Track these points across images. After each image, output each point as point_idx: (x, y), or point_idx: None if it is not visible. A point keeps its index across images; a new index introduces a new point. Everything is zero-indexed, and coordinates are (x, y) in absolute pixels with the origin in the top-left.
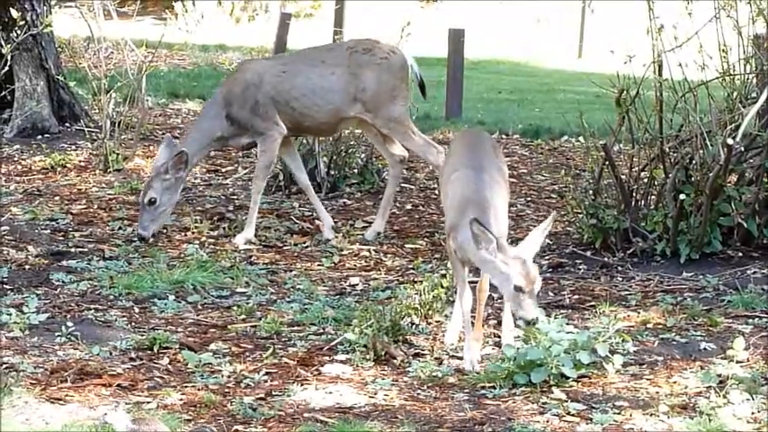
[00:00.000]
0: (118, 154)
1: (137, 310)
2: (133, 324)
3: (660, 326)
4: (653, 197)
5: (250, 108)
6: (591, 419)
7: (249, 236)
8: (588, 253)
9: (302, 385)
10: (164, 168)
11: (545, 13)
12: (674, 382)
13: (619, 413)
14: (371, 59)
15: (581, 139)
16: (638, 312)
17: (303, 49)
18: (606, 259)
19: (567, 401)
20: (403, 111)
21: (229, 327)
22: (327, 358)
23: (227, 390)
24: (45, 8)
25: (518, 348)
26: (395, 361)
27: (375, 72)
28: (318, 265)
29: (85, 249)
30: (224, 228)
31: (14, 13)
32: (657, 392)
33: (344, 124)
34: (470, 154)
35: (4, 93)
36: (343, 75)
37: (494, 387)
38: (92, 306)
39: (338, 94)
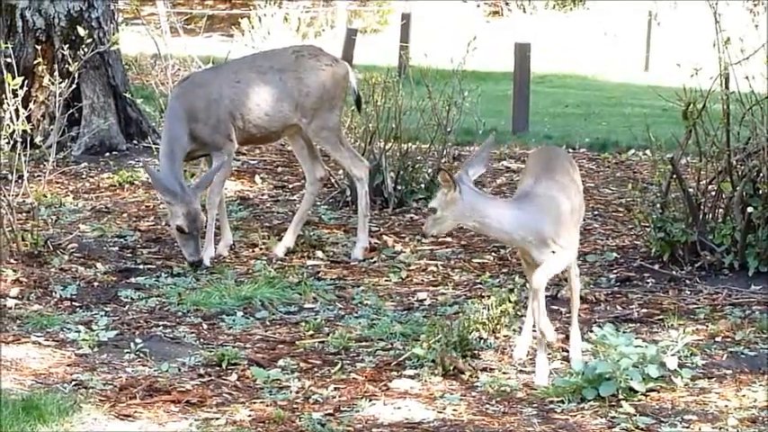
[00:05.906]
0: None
1: (205, 326)
2: (202, 340)
3: (729, 339)
4: (720, 210)
5: (212, 125)
6: None
7: (211, 254)
8: (656, 266)
9: (371, 400)
10: (201, 188)
11: (612, 27)
12: (743, 396)
13: (687, 427)
14: (317, 65)
15: (648, 152)
16: (707, 326)
17: (246, 56)
18: (674, 273)
19: (635, 415)
20: (337, 121)
21: (297, 342)
22: (396, 373)
23: (295, 406)
24: (112, 26)
25: (586, 362)
26: (463, 376)
27: (320, 78)
28: (386, 280)
29: (153, 266)
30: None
31: (81, 32)
32: (726, 406)
33: (287, 132)
34: (552, 170)
35: (72, 110)
36: (290, 79)
37: (562, 401)
38: (160, 323)
39: (287, 100)
